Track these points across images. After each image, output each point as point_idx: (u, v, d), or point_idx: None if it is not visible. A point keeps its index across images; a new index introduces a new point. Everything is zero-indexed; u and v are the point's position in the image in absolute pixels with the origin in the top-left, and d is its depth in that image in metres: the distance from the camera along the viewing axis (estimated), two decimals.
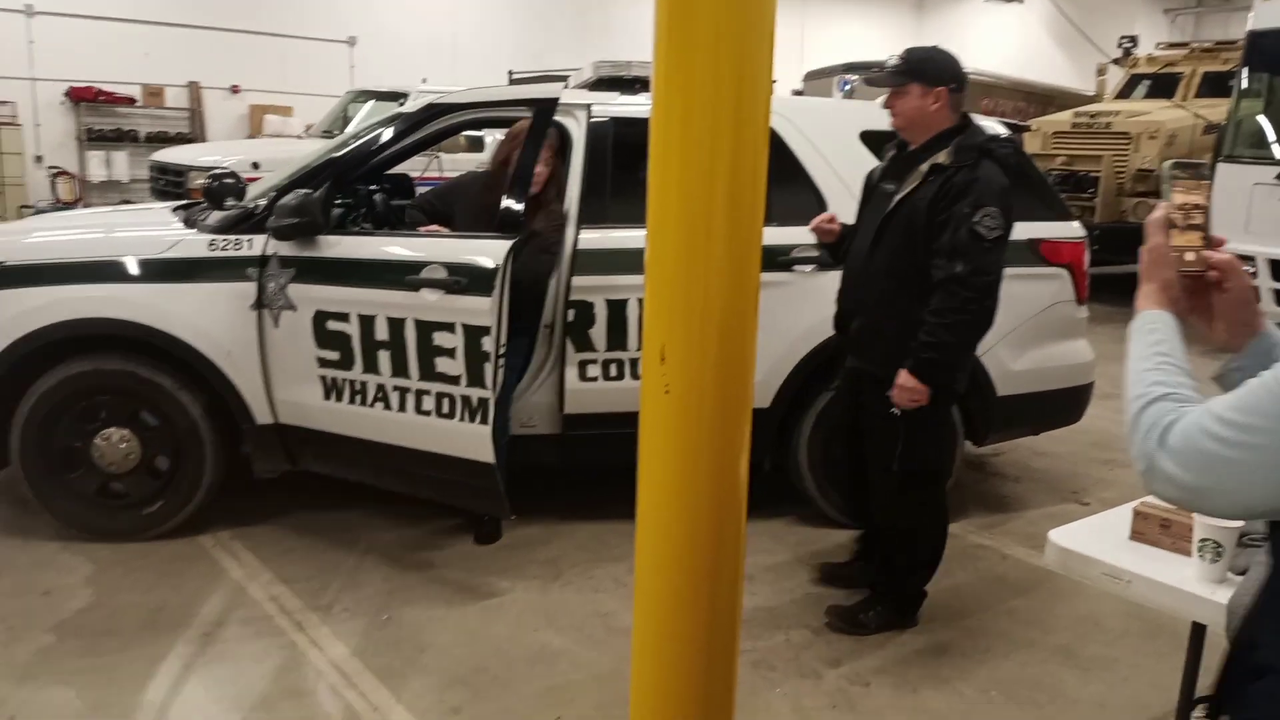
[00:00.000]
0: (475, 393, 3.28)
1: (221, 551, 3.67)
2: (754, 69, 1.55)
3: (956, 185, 2.90)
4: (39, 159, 12.86)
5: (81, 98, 12.97)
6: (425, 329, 3.33)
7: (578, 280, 3.72)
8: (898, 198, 3.02)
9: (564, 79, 9.60)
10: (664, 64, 1.54)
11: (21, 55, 12.52)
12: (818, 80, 13.24)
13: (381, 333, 3.40)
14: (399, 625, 3.18)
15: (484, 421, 3.28)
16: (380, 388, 3.45)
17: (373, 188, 4.47)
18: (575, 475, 4.32)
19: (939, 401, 3.01)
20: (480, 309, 3.24)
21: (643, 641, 1.77)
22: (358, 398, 3.50)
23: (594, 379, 3.78)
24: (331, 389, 3.55)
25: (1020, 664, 3.12)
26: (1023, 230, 4.11)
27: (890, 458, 3.07)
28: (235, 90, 14.09)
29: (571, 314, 3.73)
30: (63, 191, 12.69)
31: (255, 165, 8.30)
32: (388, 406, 3.45)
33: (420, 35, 15.14)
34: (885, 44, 15.66)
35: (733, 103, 1.53)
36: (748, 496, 1.72)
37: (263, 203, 3.70)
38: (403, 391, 3.42)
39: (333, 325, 3.48)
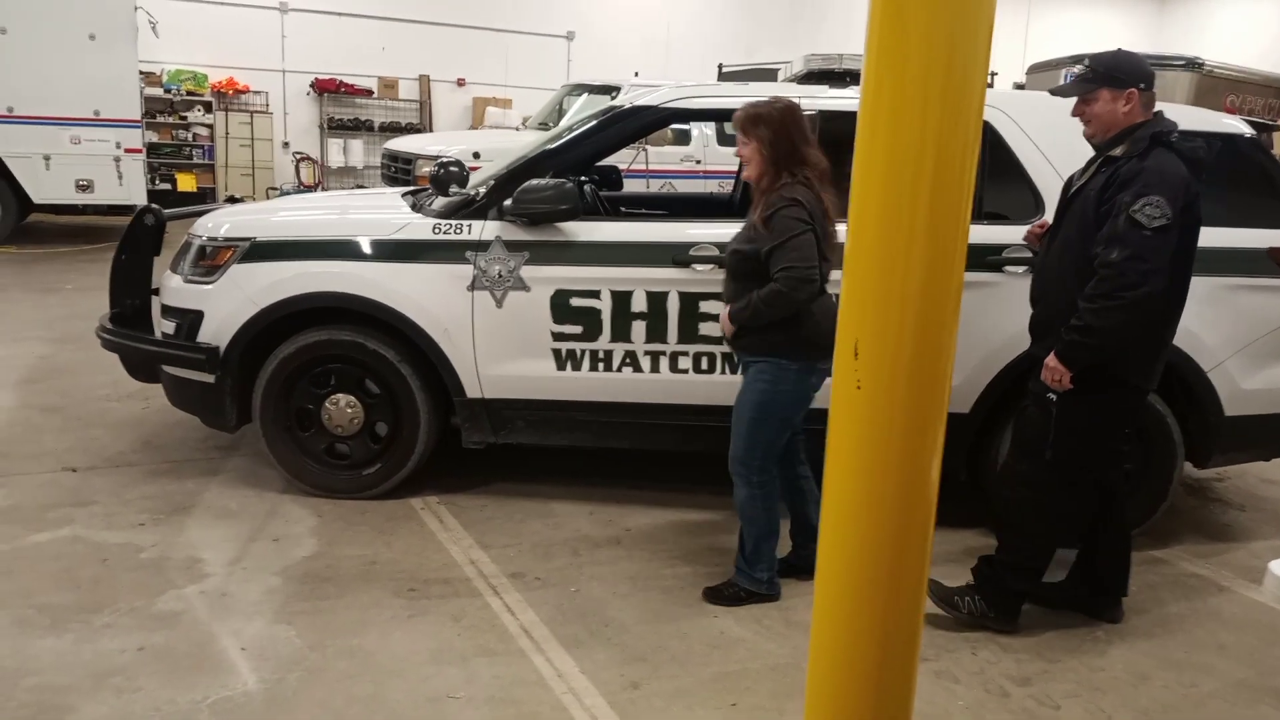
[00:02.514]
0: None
1: (429, 514, 3.93)
2: (968, 60, 1.52)
3: (1123, 174, 2.88)
4: (286, 145, 14.08)
5: (325, 89, 14.10)
6: (691, 299, 3.75)
7: None
8: (1073, 189, 3.08)
9: (774, 73, 9.58)
10: (875, 54, 1.54)
11: (275, 49, 13.74)
12: (1042, 73, 12.53)
13: (639, 305, 3.76)
14: (585, 598, 3.32)
15: (734, 371, 3.68)
16: (629, 354, 3.82)
17: (584, 179, 4.65)
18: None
19: (1103, 395, 2.96)
20: None
21: (820, 640, 1.77)
22: (600, 365, 3.83)
23: None
24: (568, 360, 3.84)
25: (1228, 703, 2.89)
26: (1260, 238, 3.80)
27: (1040, 442, 3.04)
28: (461, 83, 14.89)
29: None
30: (305, 175, 13.85)
31: (476, 155, 8.76)
32: (637, 369, 3.84)
33: (635, 29, 15.47)
34: (1123, 36, 14.64)
35: (942, 94, 1.51)
36: (938, 504, 1.69)
37: (483, 191, 3.93)
38: (655, 355, 3.81)
39: (577, 302, 3.79)
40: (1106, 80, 2.97)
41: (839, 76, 4.37)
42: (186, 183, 12.79)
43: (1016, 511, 3.19)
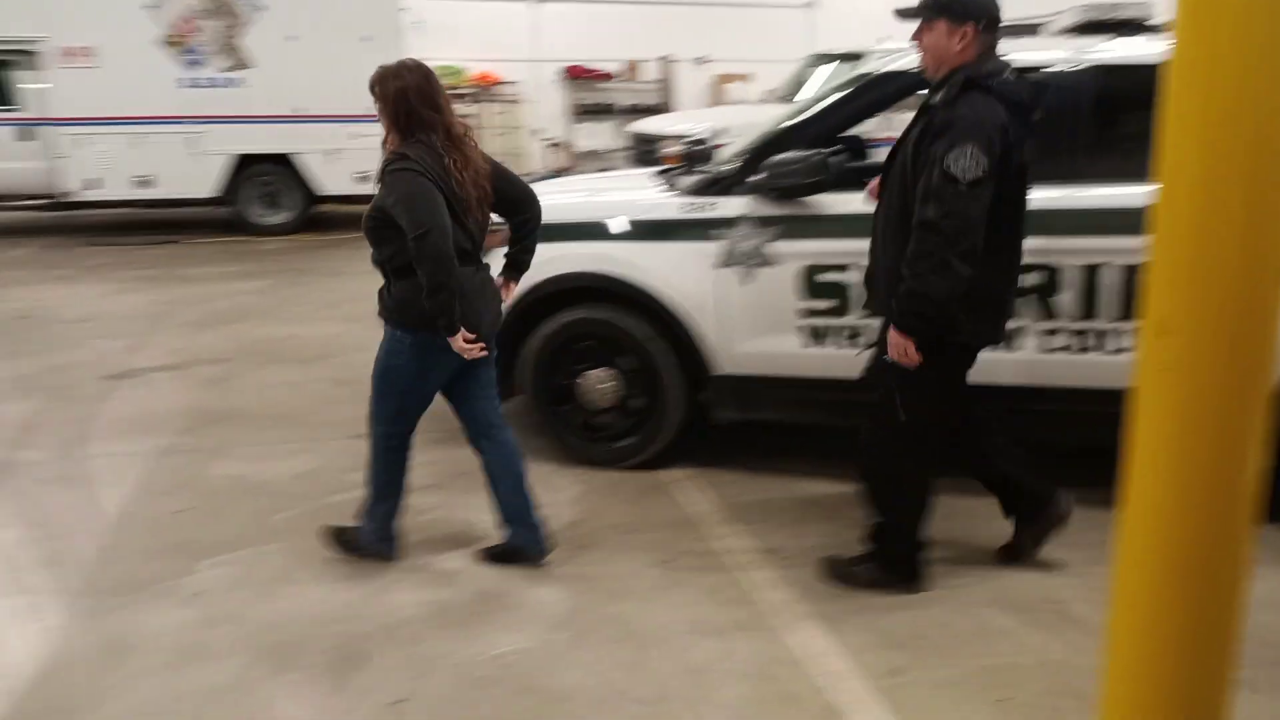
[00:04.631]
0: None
1: (683, 488, 4.01)
2: None
3: (937, 123, 2.73)
4: (536, 132, 14.74)
5: (573, 76, 14.62)
6: None
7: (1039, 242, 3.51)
8: (896, 144, 2.90)
9: (1034, 28, 8.94)
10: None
11: (527, 41, 14.39)
12: None
13: None
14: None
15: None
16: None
17: (830, 149, 4.54)
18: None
19: (943, 357, 2.86)
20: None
21: (1117, 643, 1.64)
22: (849, 341, 3.76)
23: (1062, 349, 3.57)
24: (816, 336, 3.79)
25: None
26: None
27: (888, 409, 2.93)
28: (701, 61, 14.98)
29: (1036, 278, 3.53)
30: (555, 160, 14.45)
31: (718, 131, 8.78)
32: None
33: None
34: None
35: (1269, 36, 1.34)
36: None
37: (730, 167, 3.93)
38: None
39: (826, 277, 3.73)
40: (943, 9, 2.79)
41: (1115, 27, 4.00)
42: None
43: (877, 477, 3.13)
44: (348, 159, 10.65)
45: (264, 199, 10.89)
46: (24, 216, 11.51)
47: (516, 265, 3.41)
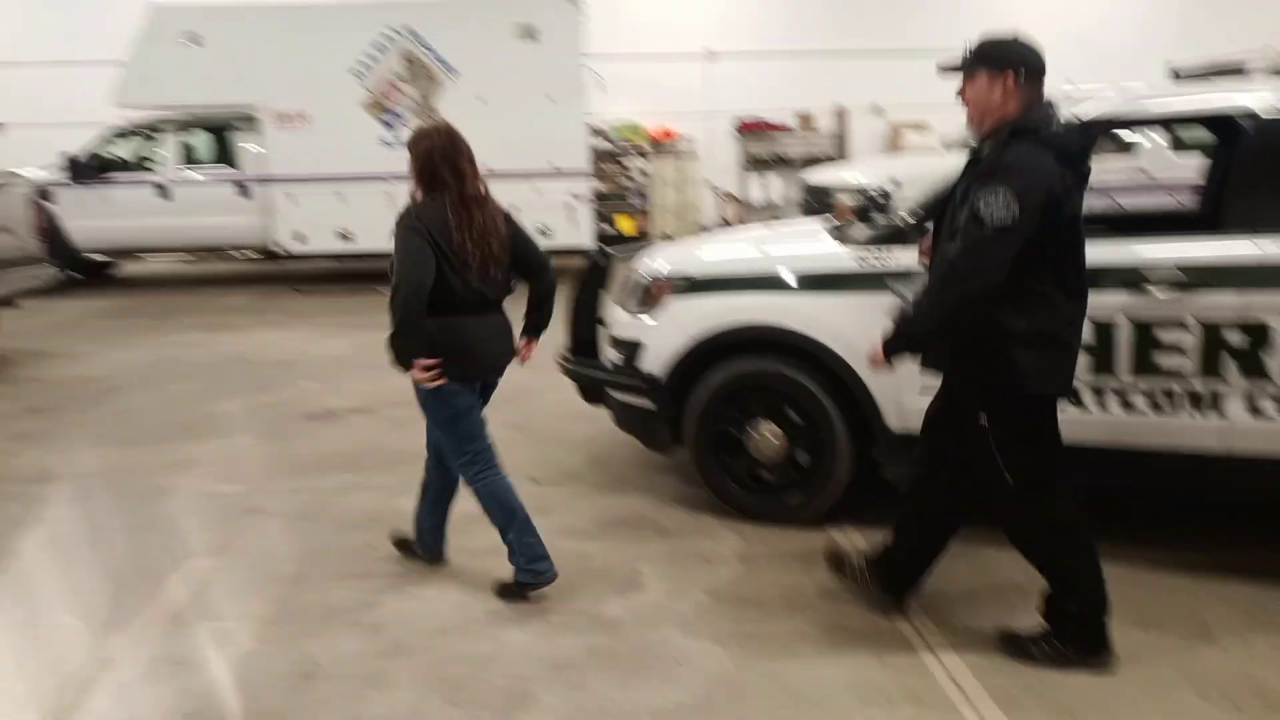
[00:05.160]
0: None
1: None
2: None
3: (981, 171, 2.73)
4: (710, 184, 14.94)
5: (747, 129, 14.78)
6: (1146, 329, 3.43)
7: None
8: (945, 199, 2.94)
9: (1238, 70, 8.39)
10: None
11: (701, 95, 14.68)
12: None
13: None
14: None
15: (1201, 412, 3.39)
16: (1100, 390, 3.56)
17: None
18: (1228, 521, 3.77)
19: (1016, 406, 2.84)
20: None
21: None
22: None
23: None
24: None
25: None
26: None
27: (989, 470, 2.90)
28: (876, 110, 14.83)
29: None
30: (728, 212, 14.59)
31: (896, 182, 8.65)
32: (1079, 406, 3.55)
33: (1062, 34, 14.40)
34: None
35: None
36: None
37: (908, 218, 3.87)
38: (1102, 391, 3.54)
39: None
40: (982, 60, 2.81)
41: None
42: (626, 225, 14.04)
43: (1026, 543, 3.02)
44: (529, 214, 10.99)
45: None
46: (241, 267, 12.61)
47: (533, 327, 3.69)
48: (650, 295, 4.35)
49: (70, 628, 3.41)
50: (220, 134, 11.49)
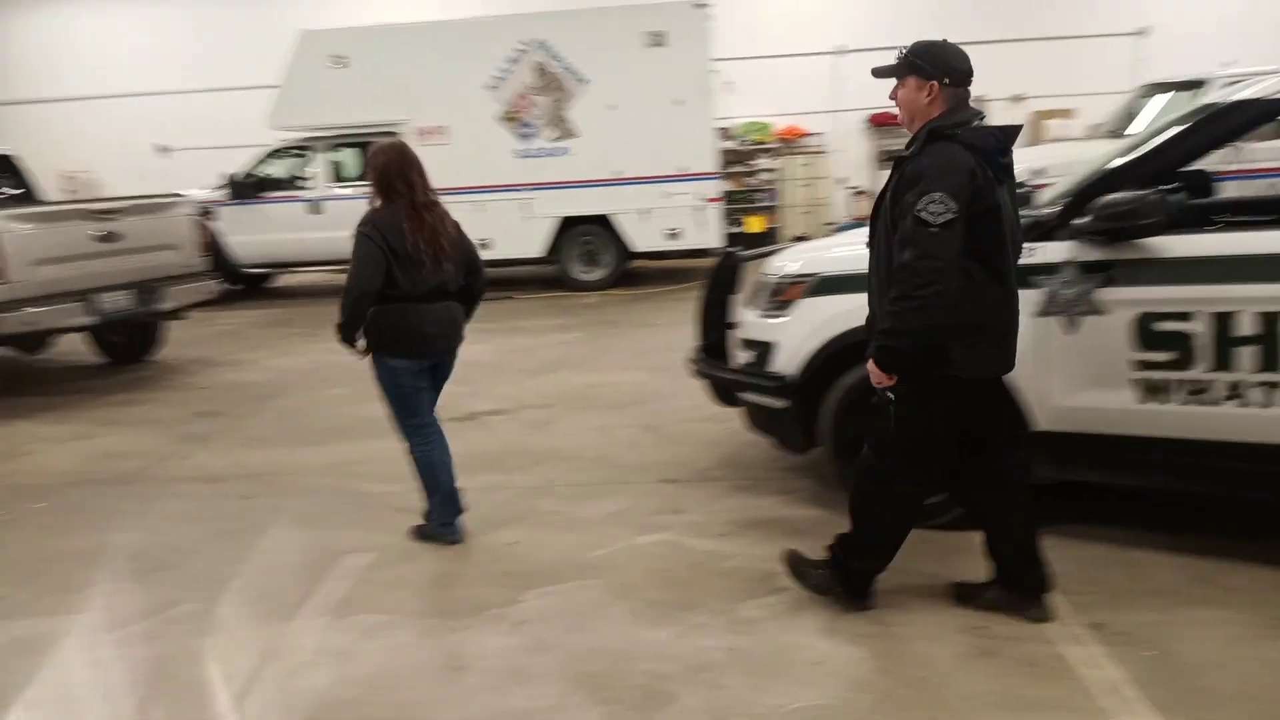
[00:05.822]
0: None
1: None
2: None
3: (908, 174, 2.93)
4: (840, 181, 14.71)
5: (879, 123, 14.49)
6: None
7: None
8: (878, 197, 3.12)
9: None
10: None
11: (831, 92, 14.47)
12: None
13: (1246, 327, 3.33)
14: (1175, 661, 2.95)
15: None
16: (1234, 385, 3.39)
17: (1170, 186, 4.18)
18: None
19: (933, 388, 3.02)
20: None
21: None
22: (1193, 398, 3.45)
23: None
24: (1152, 392, 3.51)
25: None
26: None
27: (888, 438, 3.12)
28: (1017, 99, 14.30)
29: None
30: (857, 209, 14.34)
31: (1038, 173, 8.32)
32: (1242, 404, 3.39)
33: (1222, 13, 13.55)
34: None
35: None
36: None
37: (1052, 210, 3.73)
38: (1270, 387, 3.34)
39: (1165, 326, 3.46)
40: (913, 68, 3.02)
41: None
42: (755, 225, 13.99)
43: (864, 499, 3.30)
44: (659, 217, 11.23)
45: (584, 257, 11.71)
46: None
47: (465, 314, 4.26)
48: (781, 295, 4.33)
49: (237, 618, 3.65)
50: (365, 149, 12.01)
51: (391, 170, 3.88)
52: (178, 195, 8.61)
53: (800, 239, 13.08)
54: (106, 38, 15.55)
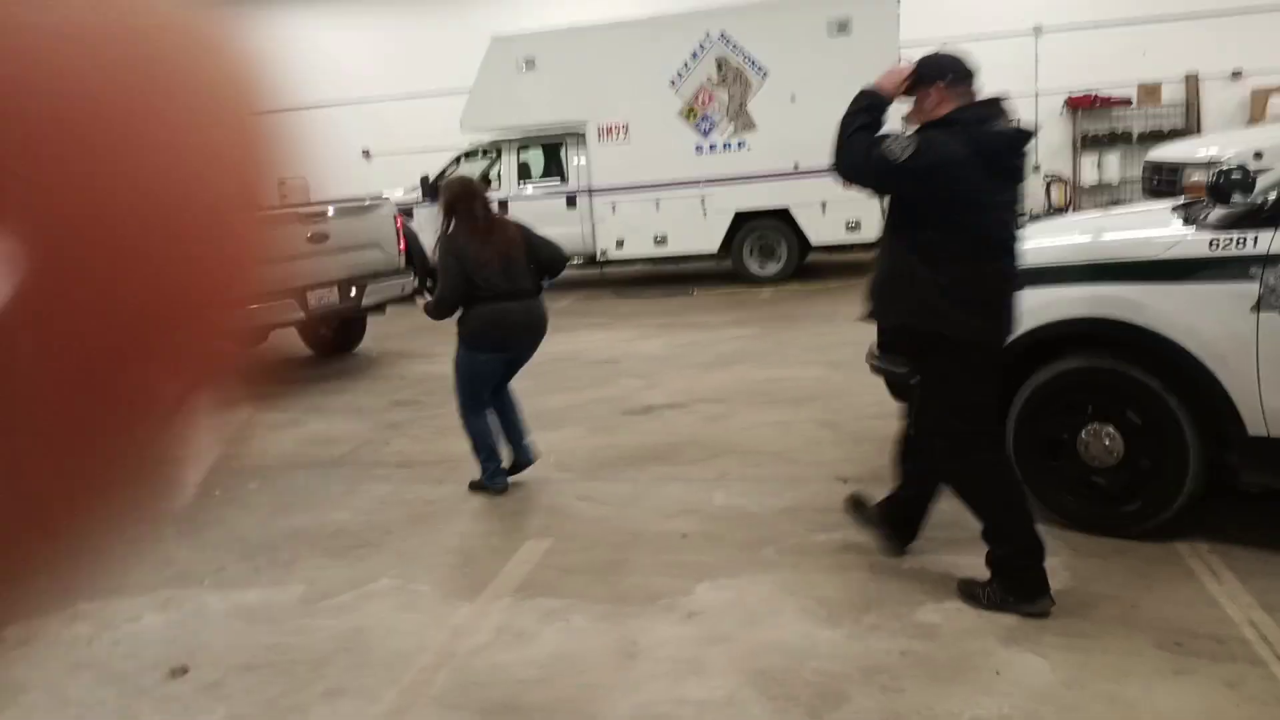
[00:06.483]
0: None
1: (1197, 562, 3.54)
2: None
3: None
4: (1036, 168, 13.97)
5: (1078, 105, 13.66)
6: None
7: None
8: None
9: None
10: None
11: (1027, 73, 13.75)
12: None
13: None
14: None
15: None
16: None
17: None
18: None
19: (937, 357, 3.29)
20: None
21: None
22: None
23: None
24: None
25: None
26: None
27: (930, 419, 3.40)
28: (1236, 75, 13.16)
29: None
30: (1057, 197, 13.57)
31: (1258, 155, 7.65)
32: None
33: None
34: None
35: None
36: None
37: (1272, 196, 3.43)
38: None
39: None
40: (919, 80, 3.35)
41: None
42: None
43: (957, 483, 3.44)
44: (839, 209, 11.01)
45: (761, 251, 11.65)
46: (567, 273, 13.52)
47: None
48: None
49: (429, 596, 3.88)
50: (552, 150, 12.44)
51: (455, 201, 4.76)
52: (380, 198, 9.18)
53: None
54: (317, 50, 16.75)
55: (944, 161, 3.16)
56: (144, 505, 0.42)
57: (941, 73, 3.33)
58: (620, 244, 12.05)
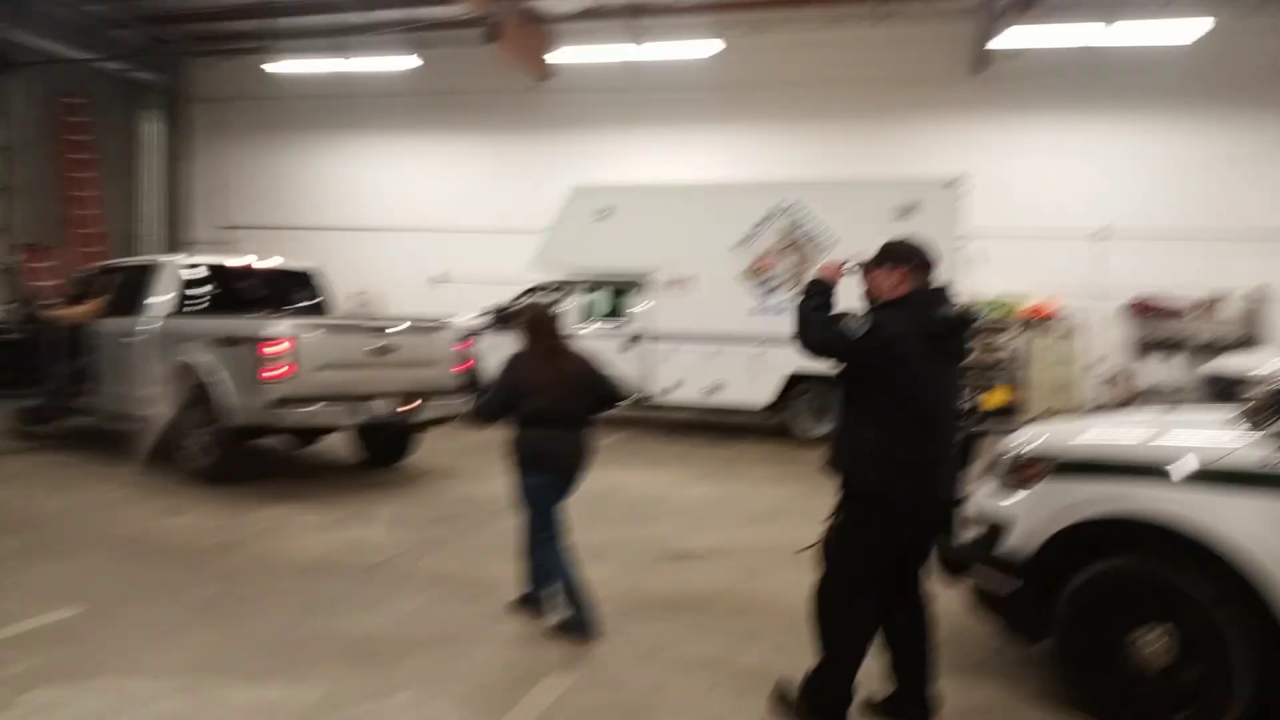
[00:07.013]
0: None
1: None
2: None
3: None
4: (1090, 366, 13.98)
5: (1141, 309, 13.77)
6: None
7: None
8: None
9: None
10: None
11: (1089, 274, 13.93)
12: None
13: None
14: None
15: None
16: None
17: None
18: None
19: (854, 508, 3.69)
20: None
21: None
22: None
23: None
24: None
25: None
26: None
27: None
28: None
29: None
30: (1112, 394, 13.52)
31: None
32: None
33: None
34: None
35: None
36: None
37: None
38: None
39: None
40: (886, 257, 3.75)
41: None
42: (994, 399, 13.49)
43: (817, 616, 3.77)
44: None
45: (812, 411, 11.71)
46: (619, 411, 13.64)
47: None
48: (1020, 473, 4.18)
49: (444, 716, 3.80)
50: (614, 293, 12.81)
51: (533, 326, 5.03)
52: (444, 320, 9.47)
53: (1042, 418, 12.46)
54: (400, 179, 17.58)
55: (893, 337, 3.53)
56: None
57: (909, 258, 3.71)
58: (674, 388, 12.21)
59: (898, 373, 3.56)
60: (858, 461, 3.63)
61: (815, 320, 3.70)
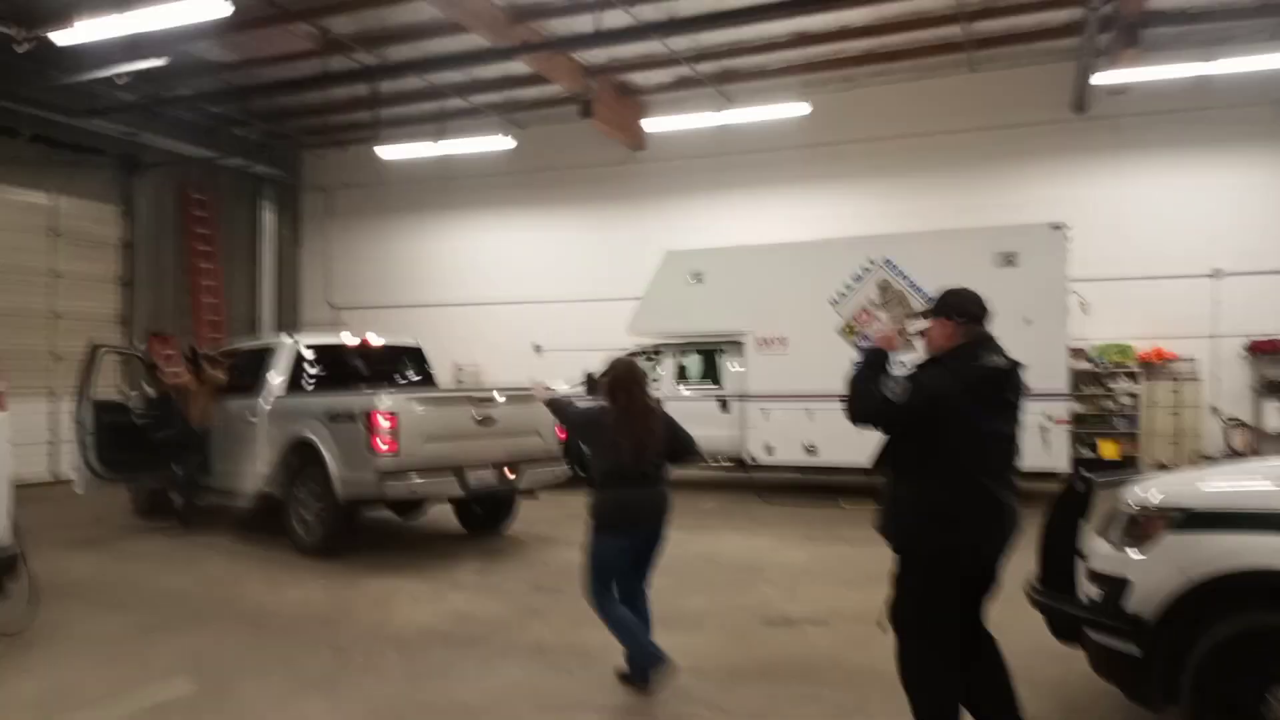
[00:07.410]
0: None
1: None
2: None
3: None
4: (1214, 410, 13.29)
5: (1262, 350, 13.08)
6: None
7: None
8: None
9: None
10: None
11: (1205, 315, 13.33)
12: None
13: None
14: None
15: None
16: None
17: None
18: None
19: (916, 565, 3.68)
20: None
21: None
22: None
23: None
24: None
25: None
26: None
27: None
28: None
29: None
30: (1237, 441, 12.82)
31: None
32: None
33: None
34: None
35: None
36: None
37: None
38: None
39: None
40: (943, 310, 3.89)
41: None
42: (1109, 450, 12.94)
43: (902, 677, 3.75)
44: (1030, 436, 10.69)
45: None
46: (716, 474, 13.60)
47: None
48: (1140, 527, 3.98)
49: None
50: (709, 355, 12.84)
51: (618, 383, 4.99)
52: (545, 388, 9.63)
53: (1162, 468, 11.87)
54: (499, 253, 18.07)
55: (935, 396, 3.58)
56: None
57: (963, 311, 3.84)
58: (770, 450, 12.09)
59: (944, 430, 3.58)
60: (911, 524, 3.65)
61: (865, 393, 3.70)
